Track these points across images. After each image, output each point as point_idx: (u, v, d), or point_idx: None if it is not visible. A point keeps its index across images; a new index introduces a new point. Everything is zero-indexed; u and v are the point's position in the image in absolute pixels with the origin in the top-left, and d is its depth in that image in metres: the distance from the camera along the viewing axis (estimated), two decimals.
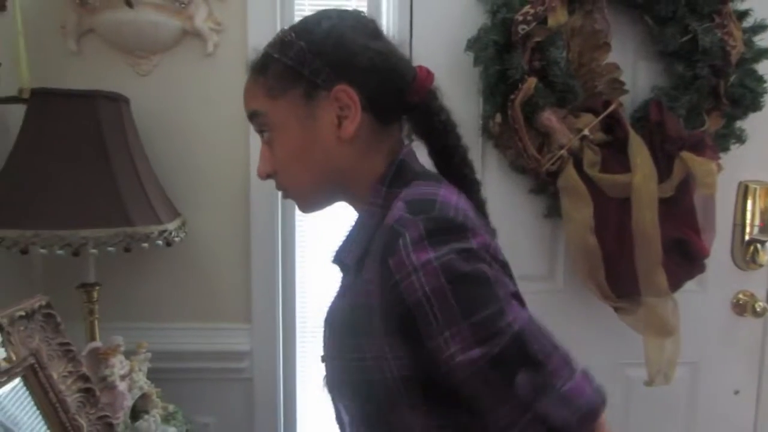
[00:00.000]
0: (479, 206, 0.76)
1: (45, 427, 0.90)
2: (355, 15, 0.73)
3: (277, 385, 1.41)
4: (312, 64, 0.67)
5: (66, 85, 1.15)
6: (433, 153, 0.78)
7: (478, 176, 0.80)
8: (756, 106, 1.26)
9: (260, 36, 1.31)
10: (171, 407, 1.19)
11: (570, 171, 1.24)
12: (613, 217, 1.23)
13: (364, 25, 0.71)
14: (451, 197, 0.63)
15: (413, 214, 0.59)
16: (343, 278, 0.73)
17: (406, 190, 0.65)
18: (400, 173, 0.70)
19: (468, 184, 0.76)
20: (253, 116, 0.73)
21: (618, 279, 1.25)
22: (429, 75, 0.73)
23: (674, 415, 1.41)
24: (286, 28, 0.73)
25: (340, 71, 0.67)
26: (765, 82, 1.26)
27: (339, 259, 0.71)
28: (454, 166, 0.77)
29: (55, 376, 0.94)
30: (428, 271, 0.55)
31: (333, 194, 0.75)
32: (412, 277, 0.55)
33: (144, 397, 1.15)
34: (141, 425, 1.11)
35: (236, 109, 1.30)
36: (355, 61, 0.67)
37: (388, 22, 1.34)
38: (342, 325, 0.66)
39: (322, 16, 0.71)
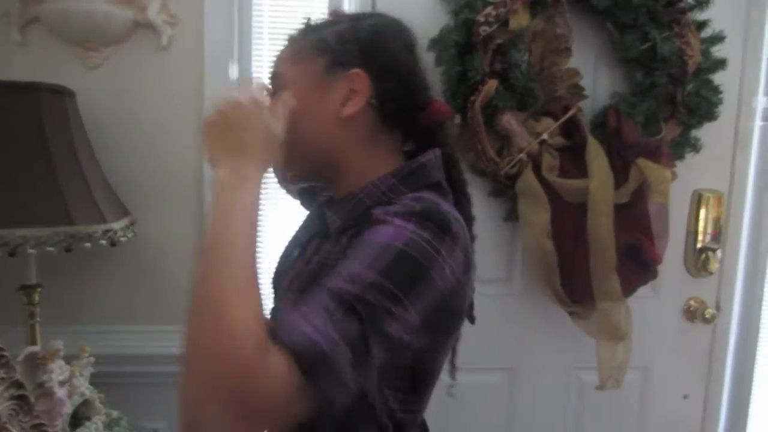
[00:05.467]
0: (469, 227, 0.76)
1: None
2: (401, 26, 0.76)
3: None
4: (344, 44, 0.71)
5: (9, 77, 1.10)
6: None
7: None
8: (711, 116, 1.28)
9: (217, 29, 1.28)
10: (115, 413, 1.15)
11: (529, 175, 1.24)
12: (569, 221, 1.24)
13: (405, 37, 0.76)
14: (457, 214, 0.66)
15: (415, 201, 0.63)
16: (314, 244, 0.77)
17: (417, 194, 0.67)
18: (417, 174, 0.71)
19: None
20: (272, 77, 0.76)
21: (573, 283, 1.25)
22: (443, 109, 0.78)
23: (625, 418, 1.44)
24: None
25: (364, 59, 0.70)
26: (720, 92, 1.27)
27: (322, 225, 0.74)
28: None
29: None
30: (398, 231, 0.59)
31: (314, 171, 0.77)
32: (381, 226, 0.60)
33: (86, 403, 1.11)
34: None
35: (190, 104, 1.30)
36: (382, 57, 0.72)
37: (351, 11, 1.32)
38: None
39: (372, 13, 0.79)
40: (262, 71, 1.35)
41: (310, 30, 0.75)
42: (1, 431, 0.89)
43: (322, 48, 0.72)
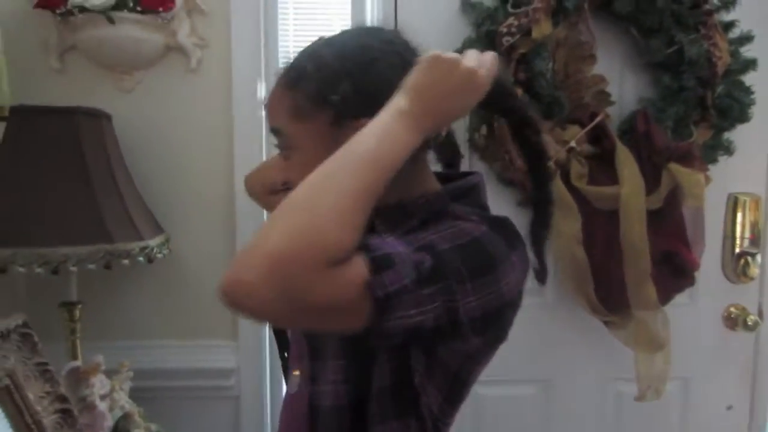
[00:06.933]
0: None
1: None
2: (400, 49, 0.67)
3: (263, 402, 1.39)
4: (345, 91, 0.64)
5: (49, 103, 1.14)
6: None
7: None
8: (744, 118, 1.25)
9: (244, 51, 1.32)
10: (154, 427, 1.17)
11: (558, 183, 1.23)
12: (601, 229, 1.22)
13: (407, 63, 0.63)
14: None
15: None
16: None
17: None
18: (470, 195, 0.71)
19: None
20: (274, 133, 0.71)
21: (607, 293, 1.23)
22: None
23: (666, 430, 1.39)
24: (322, 39, 0.70)
25: (370, 103, 0.61)
26: (752, 93, 1.25)
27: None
28: None
29: (31, 396, 0.93)
30: (475, 226, 0.61)
31: None
32: (457, 220, 0.62)
33: (126, 416, 1.13)
34: None
35: (220, 124, 1.33)
36: (386, 92, 0.62)
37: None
38: None
39: (364, 44, 0.67)
40: None
41: (303, 73, 0.67)
42: None
43: (323, 99, 0.65)
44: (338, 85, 0.64)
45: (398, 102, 0.58)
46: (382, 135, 0.56)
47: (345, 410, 0.64)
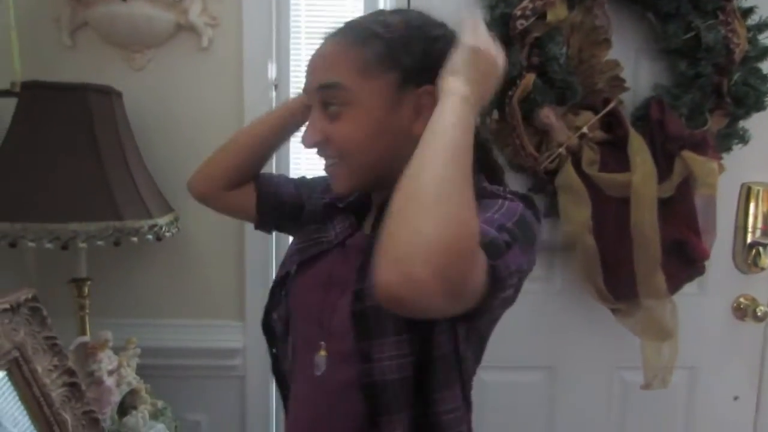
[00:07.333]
0: None
1: (29, 421, 0.90)
2: (451, 31, 0.73)
3: (269, 382, 1.40)
4: (414, 57, 0.68)
5: (60, 80, 1.14)
6: None
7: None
8: (760, 106, 1.23)
9: (256, 30, 1.31)
10: (160, 403, 1.19)
11: (569, 170, 1.22)
12: (611, 217, 1.21)
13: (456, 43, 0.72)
14: None
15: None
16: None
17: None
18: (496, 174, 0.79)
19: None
20: (328, 87, 0.70)
21: (616, 281, 1.23)
22: None
23: (672, 420, 1.39)
24: (389, 9, 0.77)
25: (432, 74, 0.66)
26: None
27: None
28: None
29: (39, 369, 0.93)
30: (514, 203, 0.65)
31: (376, 180, 0.74)
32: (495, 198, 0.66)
33: (133, 392, 1.14)
34: (129, 421, 1.11)
35: (231, 103, 1.33)
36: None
37: None
38: None
39: (435, 22, 0.73)
40: (300, 70, 1.37)
41: (371, 34, 0.69)
42: (55, 416, 0.92)
43: (392, 63, 0.68)
44: (408, 50, 0.68)
45: (460, 89, 0.61)
46: (460, 124, 0.58)
47: (409, 381, 0.67)
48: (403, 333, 0.67)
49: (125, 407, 1.12)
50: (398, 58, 0.68)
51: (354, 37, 0.70)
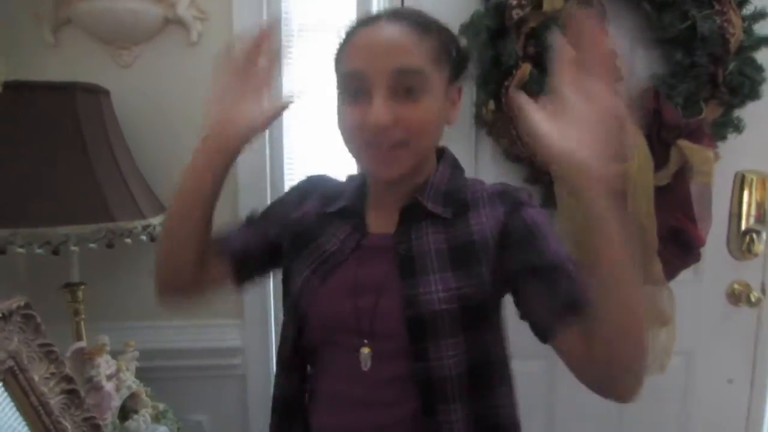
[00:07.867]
0: None
1: (28, 431, 0.88)
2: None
3: (270, 380, 1.39)
4: (459, 59, 0.77)
5: (44, 78, 1.11)
6: None
7: (472, 165, 0.93)
8: (755, 95, 1.23)
9: (245, 24, 1.27)
10: (161, 406, 1.17)
11: None
12: None
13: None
14: None
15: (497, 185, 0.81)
16: (426, 227, 0.77)
17: (475, 179, 0.84)
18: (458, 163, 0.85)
19: None
20: (409, 72, 0.70)
21: None
22: None
23: (669, 403, 1.41)
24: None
25: (463, 76, 0.79)
26: (764, 70, 1.23)
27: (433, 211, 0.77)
28: None
29: (36, 378, 0.91)
30: (539, 210, 0.77)
31: (419, 166, 0.77)
32: (528, 208, 0.76)
33: (133, 396, 1.13)
34: (130, 425, 1.09)
35: None
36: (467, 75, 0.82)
37: (380, 7, 1.30)
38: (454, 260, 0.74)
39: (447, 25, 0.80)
40: (291, 66, 1.33)
41: (435, 27, 0.74)
42: (55, 425, 0.90)
43: (447, 56, 0.74)
44: (452, 47, 0.76)
45: (609, 209, 0.60)
46: (620, 241, 0.62)
47: (464, 376, 0.72)
48: (458, 335, 0.71)
49: (126, 411, 1.11)
50: (450, 52, 0.75)
51: (423, 27, 0.72)
